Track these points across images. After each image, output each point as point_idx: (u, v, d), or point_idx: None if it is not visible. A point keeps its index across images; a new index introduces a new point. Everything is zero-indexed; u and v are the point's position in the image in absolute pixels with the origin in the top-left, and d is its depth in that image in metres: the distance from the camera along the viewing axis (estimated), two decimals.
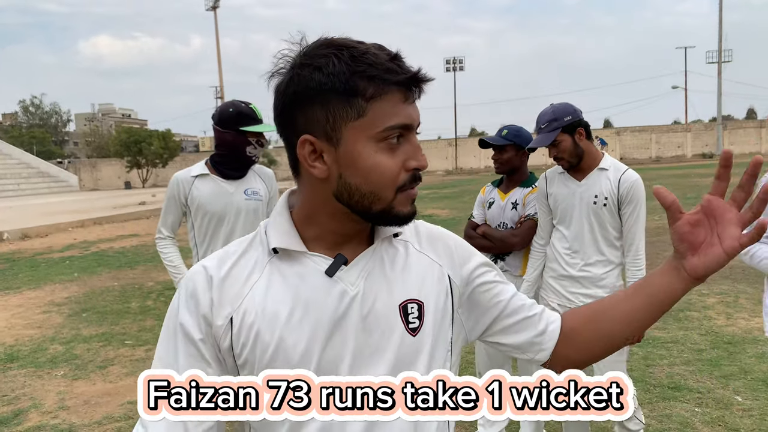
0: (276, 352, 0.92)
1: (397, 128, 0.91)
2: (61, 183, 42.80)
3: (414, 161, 0.93)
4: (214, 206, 2.94)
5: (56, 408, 4.18)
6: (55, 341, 5.78)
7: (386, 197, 0.93)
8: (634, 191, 2.70)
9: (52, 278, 9.00)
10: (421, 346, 0.97)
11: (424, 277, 1.02)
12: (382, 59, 0.90)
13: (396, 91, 0.91)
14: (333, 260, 0.96)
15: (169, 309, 0.99)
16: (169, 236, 3.09)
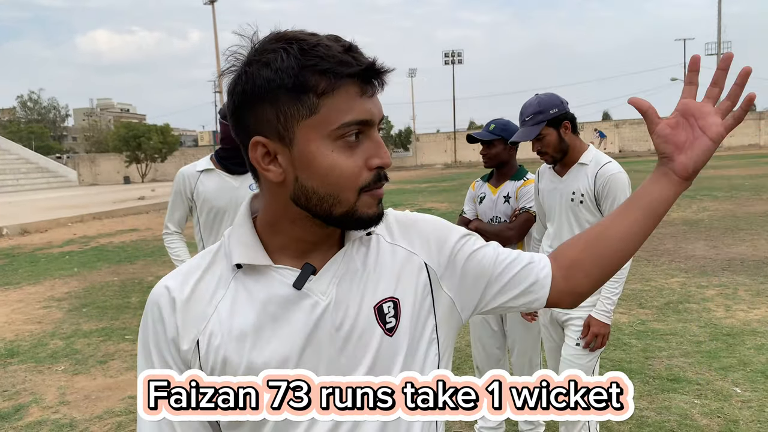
0: (247, 374, 0.88)
1: (354, 125, 0.85)
2: (60, 178, 42.76)
3: (377, 159, 0.87)
4: (219, 201, 2.94)
5: (57, 403, 4.19)
6: (56, 336, 5.79)
7: (347, 199, 0.87)
8: (611, 185, 2.56)
9: (52, 273, 9.00)
10: (399, 344, 0.93)
11: (398, 271, 0.96)
12: (334, 51, 0.83)
13: (350, 85, 0.84)
14: (300, 271, 0.90)
15: (140, 330, 0.95)
16: (176, 231, 3.08)
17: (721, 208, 12.11)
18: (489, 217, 3.16)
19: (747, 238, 8.70)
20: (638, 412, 3.57)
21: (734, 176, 19.41)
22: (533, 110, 2.62)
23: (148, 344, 0.92)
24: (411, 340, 0.94)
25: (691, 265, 7.29)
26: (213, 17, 52.97)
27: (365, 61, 0.84)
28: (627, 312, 5.54)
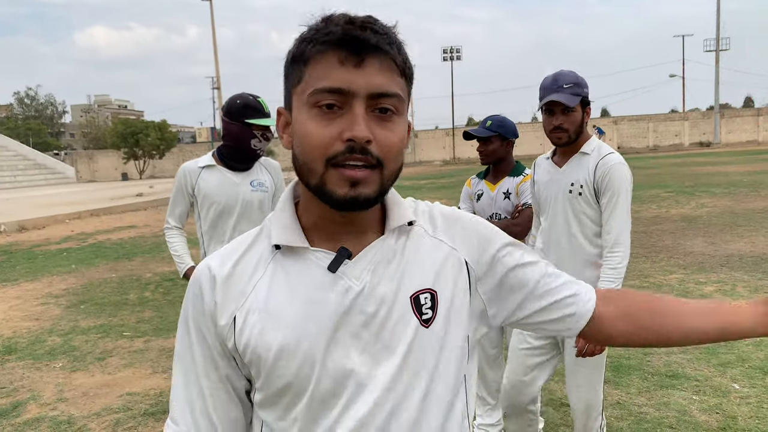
0: (280, 351, 0.90)
1: (326, 92, 0.83)
2: (57, 175, 42.67)
3: (347, 131, 0.83)
4: (220, 197, 2.96)
5: (55, 400, 4.18)
6: (53, 333, 5.78)
7: (316, 169, 0.85)
8: (611, 177, 2.41)
9: (50, 270, 8.99)
10: (435, 336, 0.93)
11: (438, 264, 0.96)
12: (333, 23, 0.84)
13: (330, 53, 0.83)
14: (335, 255, 0.91)
15: (182, 308, 0.99)
16: (176, 226, 3.11)
17: (719, 204, 12.11)
18: (488, 213, 3.15)
19: (745, 235, 8.70)
20: (637, 409, 3.57)
21: (732, 172, 19.42)
22: (572, 80, 2.45)
23: (188, 319, 0.97)
24: (446, 334, 0.94)
25: (689, 262, 7.29)
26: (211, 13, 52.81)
27: (351, 32, 0.83)
28: None
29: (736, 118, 46.50)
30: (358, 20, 0.84)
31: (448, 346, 0.94)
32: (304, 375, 0.89)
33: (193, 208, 3.07)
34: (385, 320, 0.91)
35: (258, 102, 2.92)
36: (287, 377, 0.90)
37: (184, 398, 0.96)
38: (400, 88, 0.87)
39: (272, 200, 3.13)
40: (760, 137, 44.61)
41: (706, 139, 45.41)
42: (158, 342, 5.36)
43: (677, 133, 46.74)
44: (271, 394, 0.92)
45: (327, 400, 0.90)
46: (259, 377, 0.92)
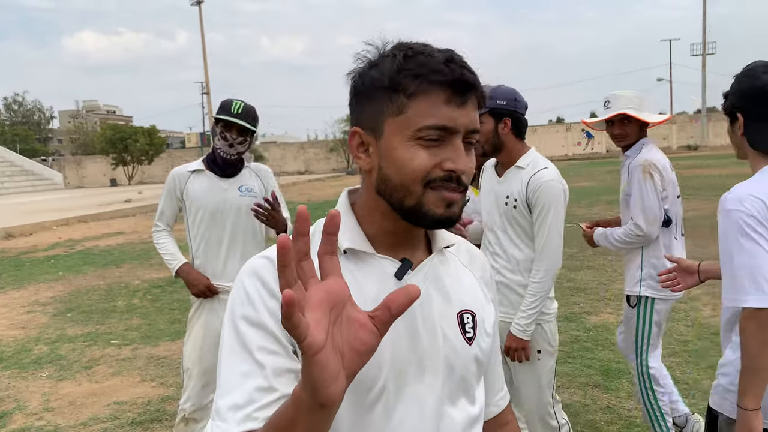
0: None
1: (433, 129, 0.90)
2: (45, 181, 42.34)
3: (450, 162, 0.91)
4: (208, 202, 2.97)
5: (41, 409, 4.13)
6: (40, 342, 5.72)
7: (415, 191, 0.92)
8: (541, 193, 2.45)
9: (37, 278, 8.90)
10: (475, 354, 1.02)
11: (472, 290, 1.06)
12: (434, 60, 0.90)
13: (438, 92, 0.90)
14: (401, 263, 0.98)
15: (230, 303, 0.93)
16: (165, 228, 3.12)
17: (707, 207, 12.21)
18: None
19: None
20: (626, 413, 3.58)
21: (720, 175, 19.60)
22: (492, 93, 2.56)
23: (244, 313, 0.90)
24: (482, 354, 1.03)
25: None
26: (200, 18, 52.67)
27: (458, 72, 0.89)
28: (615, 312, 5.56)
29: (723, 121, 46.44)
30: (457, 58, 0.91)
31: (483, 365, 1.05)
32: (374, 375, 0.93)
33: (182, 212, 3.07)
34: (437, 332, 0.98)
35: (230, 102, 2.91)
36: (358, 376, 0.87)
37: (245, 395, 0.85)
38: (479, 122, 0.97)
39: None
40: None
41: (693, 142, 45.77)
42: (146, 350, 5.31)
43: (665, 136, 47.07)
44: None
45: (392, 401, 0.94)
46: None
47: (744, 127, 1.79)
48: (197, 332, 3.01)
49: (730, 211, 1.70)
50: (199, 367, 2.96)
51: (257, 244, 3.09)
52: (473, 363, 1.02)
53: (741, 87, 1.80)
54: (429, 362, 0.97)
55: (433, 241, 1.04)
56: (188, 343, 3.02)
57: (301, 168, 47.45)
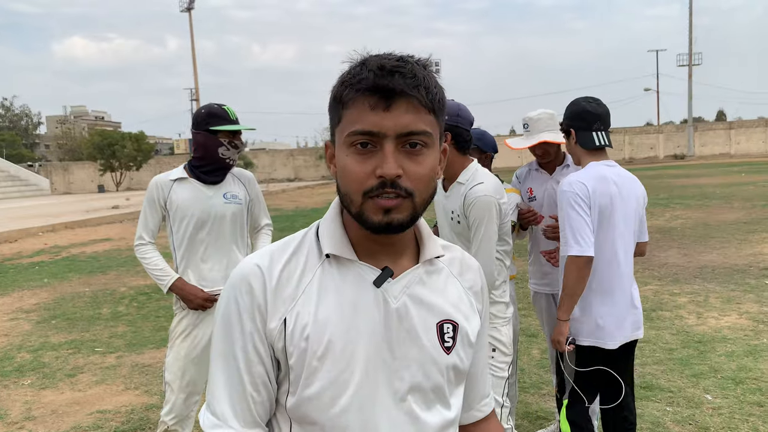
0: (324, 354, 0.96)
1: (359, 134, 0.93)
2: (31, 187, 41.95)
3: (379, 168, 0.93)
4: (192, 210, 2.91)
5: (22, 418, 4.08)
6: (23, 349, 5.65)
7: (356, 201, 0.95)
8: (473, 208, 2.50)
9: (21, 284, 8.80)
10: (452, 363, 1.04)
11: (458, 300, 1.08)
12: (367, 69, 0.93)
13: (362, 99, 0.93)
14: (381, 272, 1.00)
15: (223, 305, 1.01)
16: (150, 242, 3.02)
17: (693, 216, 12.32)
18: None
19: (718, 246, 8.85)
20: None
21: (706, 185, 19.78)
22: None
23: (231, 316, 0.98)
24: (460, 363, 1.06)
25: (663, 273, 7.39)
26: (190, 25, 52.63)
27: (380, 79, 0.92)
28: None
29: (709, 131, 47.42)
30: (389, 65, 0.93)
31: (461, 373, 1.07)
32: (345, 379, 0.97)
33: (165, 221, 3.02)
34: (414, 341, 1.01)
35: (223, 110, 2.89)
36: (326, 381, 0.96)
37: (226, 394, 0.98)
38: (428, 124, 0.96)
39: (248, 211, 3.09)
40: (733, 150, 45.55)
41: (680, 151, 46.22)
42: (131, 357, 5.26)
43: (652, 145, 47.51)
44: (307, 396, 0.97)
45: (362, 408, 0.97)
46: (298, 380, 0.97)
47: (576, 137, 2.66)
48: (180, 345, 2.93)
49: (564, 192, 2.54)
50: (181, 381, 2.89)
51: (243, 248, 3.05)
52: (450, 371, 1.04)
53: (570, 112, 2.68)
54: (404, 370, 1.00)
55: (422, 251, 1.05)
56: (170, 355, 2.94)
57: (290, 175, 47.37)
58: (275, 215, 18.06)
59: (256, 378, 0.98)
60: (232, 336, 0.98)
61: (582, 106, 2.65)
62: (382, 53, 0.97)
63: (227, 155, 2.91)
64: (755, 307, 5.73)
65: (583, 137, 2.63)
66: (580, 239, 2.46)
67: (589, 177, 2.53)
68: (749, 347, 4.68)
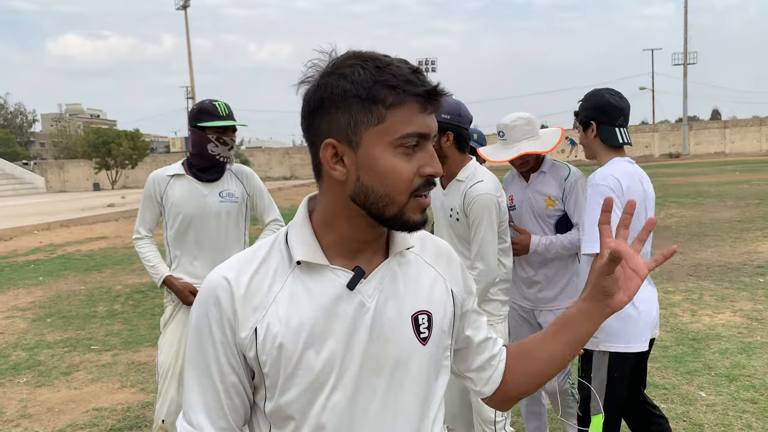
0: (299, 362, 0.97)
1: (414, 136, 0.96)
2: (26, 185, 41.78)
3: (429, 167, 0.97)
4: (188, 207, 2.90)
5: (18, 416, 4.07)
6: (18, 347, 5.64)
7: (400, 201, 0.97)
8: (474, 206, 2.53)
9: (16, 283, 8.78)
10: (430, 354, 1.05)
11: (431, 288, 1.08)
12: (404, 71, 0.95)
13: (414, 102, 0.96)
14: (353, 273, 1.00)
15: (194, 316, 1.02)
16: (146, 235, 3.04)
17: (687, 214, 12.36)
18: None
19: (712, 244, 8.89)
20: None
21: (700, 183, 19.85)
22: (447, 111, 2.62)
23: (201, 327, 1.00)
24: (437, 352, 1.07)
25: (658, 271, 7.41)
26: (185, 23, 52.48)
27: (429, 83, 0.96)
28: None
29: (704, 130, 47.56)
30: (417, 69, 0.97)
31: (439, 363, 1.08)
32: (319, 384, 0.98)
33: (162, 216, 3.02)
34: (390, 336, 1.01)
35: (213, 105, 2.85)
36: (303, 386, 0.97)
37: (201, 403, 1.00)
38: None
39: (247, 208, 3.06)
40: (727, 149, 45.71)
41: (675, 150, 46.35)
42: (127, 355, 5.26)
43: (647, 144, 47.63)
44: (285, 402, 0.98)
45: (341, 407, 0.98)
46: (274, 387, 0.98)
47: (597, 130, 2.50)
48: (172, 331, 2.93)
49: (597, 185, 2.35)
50: (175, 367, 2.87)
51: (240, 246, 3.02)
52: (430, 362, 1.06)
53: (593, 104, 2.52)
54: (381, 365, 1.01)
55: (392, 245, 1.06)
56: (164, 345, 2.94)
57: (286, 173, 47.33)
58: None
59: (230, 387, 1.00)
60: (204, 347, 1.00)
61: (606, 98, 2.49)
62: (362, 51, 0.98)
63: (216, 152, 2.87)
64: (749, 305, 5.77)
65: (606, 132, 2.48)
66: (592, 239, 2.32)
67: (623, 173, 2.38)
68: (743, 345, 4.71)
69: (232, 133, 2.89)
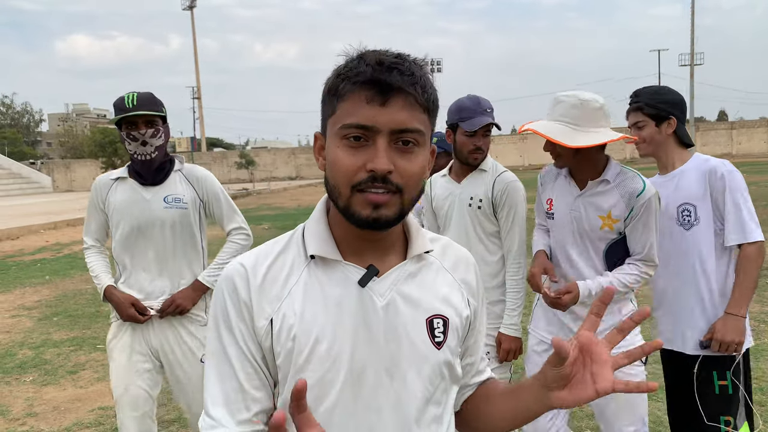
0: (311, 354, 0.97)
1: (353, 127, 0.93)
2: (33, 184, 41.98)
3: (370, 163, 0.93)
4: (130, 214, 2.60)
5: (24, 414, 4.09)
6: (25, 346, 5.66)
7: (344, 193, 0.96)
8: (509, 193, 2.60)
9: (23, 281, 8.81)
10: (444, 358, 1.03)
11: (449, 294, 1.07)
12: (365, 63, 0.93)
13: (359, 92, 0.93)
14: (366, 271, 1.00)
15: (213, 306, 1.03)
16: (93, 245, 2.75)
17: None
18: None
19: None
20: None
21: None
22: (491, 106, 2.65)
23: (218, 316, 1.00)
24: (452, 357, 1.05)
25: None
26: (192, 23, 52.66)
27: (378, 74, 0.92)
28: None
29: (711, 131, 47.34)
30: (387, 61, 0.93)
31: (452, 368, 1.06)
32: (329, 380, 0.97)
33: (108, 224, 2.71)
34: (403, 338, 1.00)
35: (122, 98, 2.54)
36: (313, 380, 0.96)
37: (221, 395, 0.98)
38: (421, 123, 0.96)
39: (201, 216, 2.73)
40: (734, 150, 45.48)
41: None
42: None
43: None
44: None
45: (350, 405, 0.98)
46: (286, 380, 0.98)
47: (677, 127, 2.41)
48: (119, 356, 2.62)
49: (734, 173, 2.30)
50: (127, 396, 2.58)
51: (194, 258, 2.71)
52: (443, 367, 1.04)
53: (672, 99, 2.42)
54: (393, 365, 0.99)
55: (410, 247, 1.05)
56: (114, 371, 2.63)
57: (292, 173, 47.38)
58: (277, 213, 18.06)
59: (252, 374, 0.99)
60: (222, 335, 1.00)
61: (681, 96, 2.44)
62: (379, 49, 0.97)
63: (131, 150, 2.55)
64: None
65: (682, 130, 2.43)
66: (758, 223, 2.30)
67: None
68: (751, 347, 4.67)
69: (144, 125, 2.53)
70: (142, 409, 2.59)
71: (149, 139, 2.56)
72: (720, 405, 2.36)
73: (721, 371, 2.38)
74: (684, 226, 2.39)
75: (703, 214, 2.35)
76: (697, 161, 2.41)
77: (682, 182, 2.40)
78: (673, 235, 2.41)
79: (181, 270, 2.67)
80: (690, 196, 2.37)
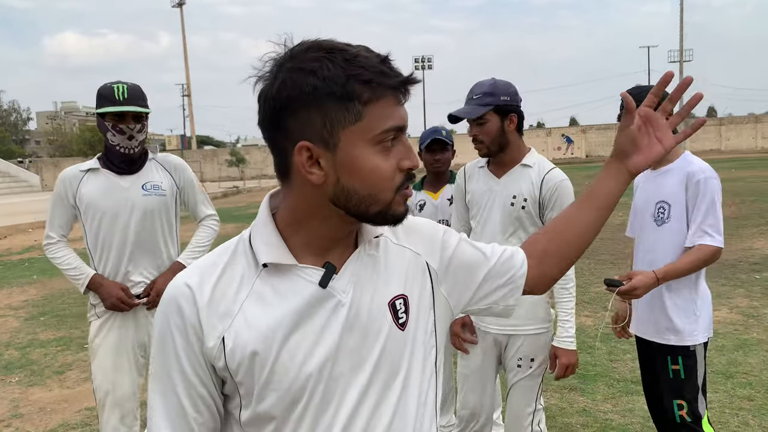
0: (274, 367, 0.92)
1: (393, 130, 0.92)
2: (21, 183, 41.64)
3: (407, 161, 0.94)
4: (106, 203, 2.56)
5: (9, 416, 4.04)
6: (11, 346, 5.60)
7: (385, 199, 0.93)
8: (560, 193, 2.35)
9: (10, 281, 8.73)
10: (409, 337, 1.02)
11: (405, 270, 1.05)
12: (373, 62, 0.90)
13: (390, 95, 0.91)
14: (324, 271, 0.96)
15: (157, 326, 0.97)
16: (60, 240, 2.68)
17: None
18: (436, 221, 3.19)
19: None
20: (602, 415, 3.59)
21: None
22: (484, 90, 2.34)
23: (164, 337, 0.95)
24: (417, 334, 1.03)
25: None
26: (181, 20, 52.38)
27: (401, 74, 0.92)
28: (592, 315, 5.59)
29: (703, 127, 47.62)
30: (384, 57, 0.92)
31: (420, 344, 1.03)
32: (298, 387, 0.93)
33: (78, 219, 2.66)
34: (369, 327, 0.98)
35: (112, 88, 2.50)
36: (281, 391, 0.93)
37: (167, 421, 0.95)
38: None
39: (177, 203, 2.73)
40: (723, 146, 45.80)
41: None
42: None
43: None
44: (263, 410, 0.94)
45: (322, 408, 0.94)
46: (250, 395, 0.94)
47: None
48: (105, 355, 2.60)
49: (711, 179, 2.41)
50: (113, 397, 2.55)
51: (171, 246, 2.71)
52: (410, 346, 1.02)
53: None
54: (363, 360, 0.97)
55: (360, 235, 1.03)
56: (97, 370, 2.61)
57: None
58: None
59: (197, 400, 0.95)
60: (167, 360, 0.95)
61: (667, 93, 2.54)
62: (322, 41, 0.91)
63: (115, 142, 2.52)
64: (745, 302, 5.76)
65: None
66: (721, 231, 2.40)
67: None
68: (739, 342, 4.70)
69: (132, 120, 2.51)
70: (126, 408, 2.58)
71: (136, 134, 2.55)
72: (673, 389, 2.50)
73: (674, 356, 2.50)
74: (657, 222, 2.53)
75: (675, 213, 2.46)
76: (683, 162, 2.49)
77: (664, 180, 2.51)
78: (648, 229, 2.58)
79: (164, 259, 2.69)
80: (667, 194, 2.48)
